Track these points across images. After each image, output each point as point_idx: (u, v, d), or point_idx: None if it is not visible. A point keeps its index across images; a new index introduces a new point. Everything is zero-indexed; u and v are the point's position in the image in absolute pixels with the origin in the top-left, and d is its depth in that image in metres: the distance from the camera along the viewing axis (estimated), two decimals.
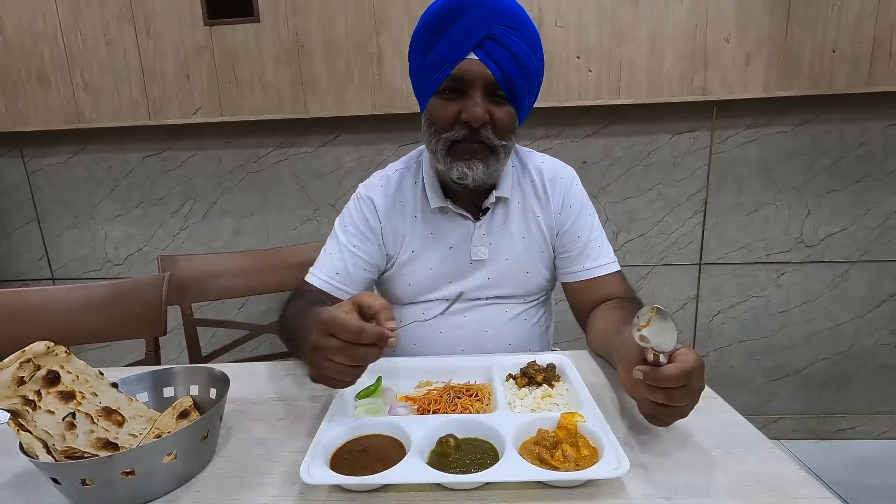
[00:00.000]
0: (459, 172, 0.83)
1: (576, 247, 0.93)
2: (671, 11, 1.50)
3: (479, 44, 0.77)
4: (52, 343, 0.60)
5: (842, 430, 1.80)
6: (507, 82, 0.79)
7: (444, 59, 0.79)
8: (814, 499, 0.50)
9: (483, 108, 0.79)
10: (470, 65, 0.78)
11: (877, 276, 1.69)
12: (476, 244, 0.92)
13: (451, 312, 0.93)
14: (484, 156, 0.82)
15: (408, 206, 0.94)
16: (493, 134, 0.81)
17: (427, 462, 0.54)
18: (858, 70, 1.49)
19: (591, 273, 0.92)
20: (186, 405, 0.65)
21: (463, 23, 0.77)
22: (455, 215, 0.92)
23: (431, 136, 0.84)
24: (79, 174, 1.78)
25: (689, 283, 1.74)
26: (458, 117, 0.80)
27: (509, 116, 0.82)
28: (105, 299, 1.13)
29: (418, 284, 0.95)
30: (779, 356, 1.77)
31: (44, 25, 1.62)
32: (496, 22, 0.77)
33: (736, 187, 1.66)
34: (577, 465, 0.53)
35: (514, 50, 0.78)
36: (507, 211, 0.93)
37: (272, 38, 1.59)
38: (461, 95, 0.80)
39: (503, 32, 0.77)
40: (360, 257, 0.93)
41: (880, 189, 1.63)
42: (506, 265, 0.93)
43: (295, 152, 1.72)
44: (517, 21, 0.79)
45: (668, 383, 0.54)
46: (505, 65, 0.78)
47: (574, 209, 0.94)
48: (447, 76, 0.79)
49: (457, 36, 0.78)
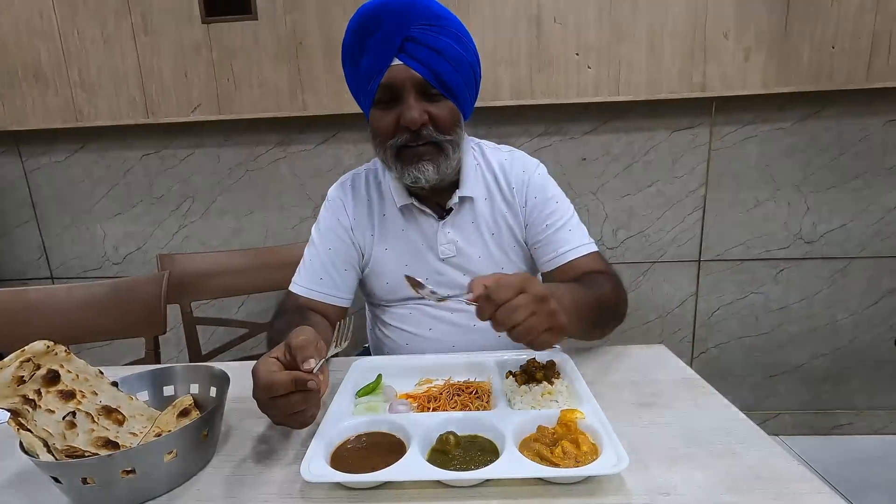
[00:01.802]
0: (412, 177, 0.84)
1: (545, 235, 0.93)
2: (670, 8, 1.49)
3: (399, 48, 0.78)
4: (51, 342, 0.60)
5: (840, 426, 1.81)
6: (437, 78, 0.80)
7: (372, 69, 0.80)
8: (812, 494, 0.50)
9: (418, 110, 0.80)
10: (396, 71, 0.79)
11: (875, 272, 1.69)
12: (441, 242, 0.93)
13: (441, 307, 0.94)
14: (432, 155, 0.83)
15: (375, 205, 0.96)
16: (436, 132, 0.82)
17: (427, 459, 0.55)
18: (858, 66, 1.49)
19: (564, 258, 0.92)
20: (187, 404, 0.65)
21: (380, 32, 0.78)
22: (420, 213, 0.93)
23: (378, 146, 0.86)
24: (77, 173, 1.77)
25: (688, 279, 1.74)
26: (398, 123, 0.81)
27: (449, 111, 0.83)
28: (104, 298, 1.12)
29: (394, 282, 0.95)
30: (777, 352, 1.78)
31: (41, 23, 1.61)
32: (411, 23, 0.78)
33: (735, 184, 1.66)
34: (577, 461, 0.53)
35: (437, 46, 0.79)
36: (474, 209, 0.94)
37: (270, 35, 1.58)
38: (397, 102, 0.81)
39: (421, 32, 0.78)
40: (339, 259, 0.94)
41: (879, 185, 1.63)
42: (479, 262, 0.94)
43: (294, 150, 1.71)
44: (433, 17, 0.80)
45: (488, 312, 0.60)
46: (431, 62, 0.79)
47: (539, 199, 0.94)
48: (378, 87, 0.80)
49: (377, 45, 0.79)
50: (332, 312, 0.94)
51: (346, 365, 0.79)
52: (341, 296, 0.94)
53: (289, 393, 0.56)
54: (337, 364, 0.85)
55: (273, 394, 0.56)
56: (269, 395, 0.56)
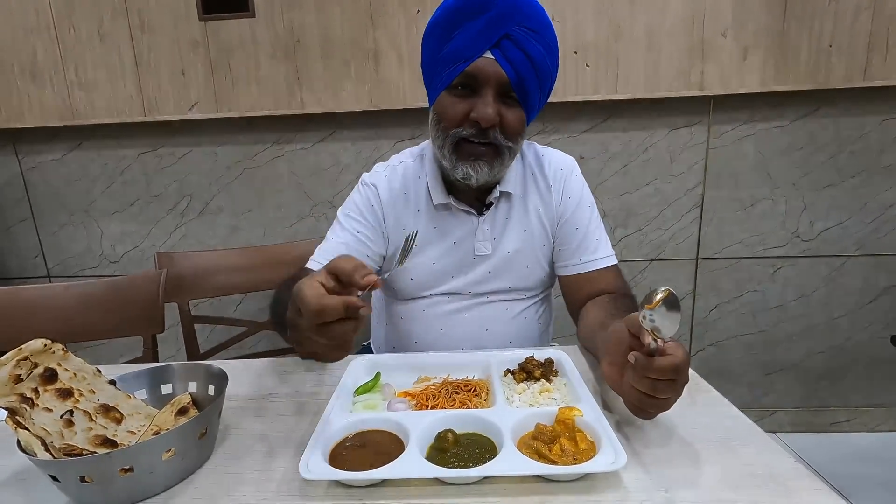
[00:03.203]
0: (464, 172, 0.82)
1: (574, 239, 0.93)
2: (668, 6, 1.49)
3: (496, 43, 0.75)
4: (49, 341, 0.60)
5: (837, 423, 1.82)
6: (520, 84, 0.78)
7: (459, 54, 0.77)
8: (809, 491, 0.50)
9: (494, 110, 0.77)
10: (485, 63, 0.76)
11: (872, 271, 1.69)
12: (480, 239, 0.92)
13: (458, 307, 0.93)
14: (490, 158, 0.81)
15: (411, 200, 0.93)
16: (501, 135, 0.80)
17: (426, 457, 0.55)
18: (855, 65, 1.50)
19: (588, 266, 0.92)
20: (185, 402, 0.65)
21: (482, 20, 0.75)
22: (458, 211, 0.91)
23: (439, 131, 0.83)
24: (74, 171, 1.76)
25: (686, 277, 1.75)
26: (468, 116, 0.79)
27: (519, 119, 0.81)
28: (102, 296, 1.12)
29: (420, 279, 0.94)
30: (775, 350, 1.78)
31: (37, 20, 1.60)
32: (516, 22, 0.75)
33: (733, 182, 1.66)
34: (575, 458, 0.53)
35: (531, 52, 0.77)
36: (510, 205, 0.93)
37: (268, 33, 1.58)
38: (472, 93, 0.79)
39: (522, 33, 0.76)
40: (364, 243, 0.91)
41: (876, 183, 1.63)
42: (506, 258, 0.93)
43: (291, 148, 1.71)
44: (537, 22, 0.77)
45: (657, 374, 0.54)
46: (520, 66, 0.76)
47: (573, 200, 0.93)
48: (460, 73, 0.77)
49: (474, 33, 0.76)
50: None
51: (344, 363, 0.79)
52: None
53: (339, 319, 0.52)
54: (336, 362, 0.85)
55: (323, 319, 0.52)
56: (319, 320, 0.52)
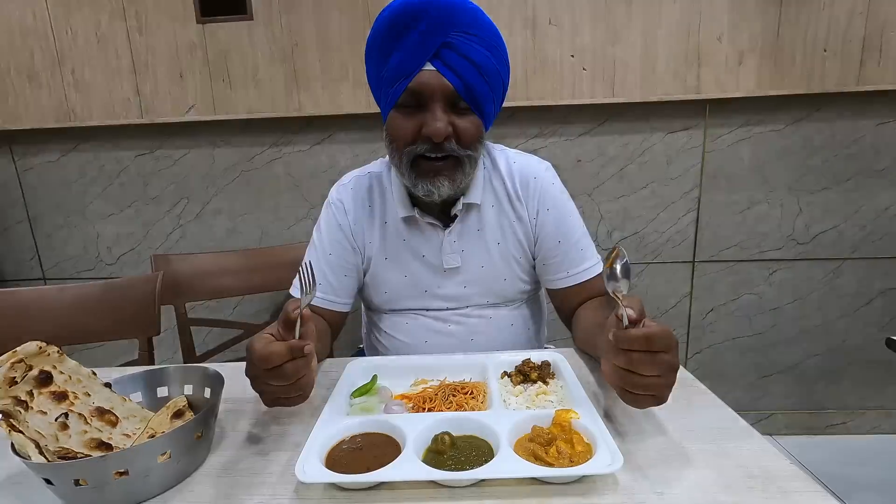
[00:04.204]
0: (425, 190, 0.80)
1: (557, 252, 0.89)
2: (664, 11, 1.50)
3: (435, 53, 0.72)
4: (44, 343, 0.60)
5: (833, 426, 1.82)
6: (468, 91, 0.74)
7: (400, 71, 0.74)
8: (805, 493, 0.50)
9: (444, 122, 0.74)
10: (427, 77, 0.73)
11: (867, 273, 1.70)
12: (447, 252, 0.89)
13: (440, 319, 0.92)
14: (450, 171, 0.79)
15: (377, 212, 0.91)
16: (458, 146, 0.77)
17: (422, 459, 0.55)
18: (849, 69, 1.51)
19: (575, 279, 0.89)
20: (181, 405, 0.65)
21: (414, 34, 0.72)
22: (424, 224, 0.89)
23: (394, 150, 0.80)
24: (70, 173, 1.76)
25: (682, 280, 1.75)
26: (420, 132, 0.76)
27: (474, 126, 0.78)
28: (98, 299, 1.12)
29: (393, 292, 0.93)
30: (771, 353, 1.79)
31: (34, 22, 1.60)
32: (452, 28, 0.72)
33: (729, 185, 1.67)
34: (572, 461, 0.53)
35: (474, 57, 0.73)
36: (480, 216, 0.90)
37: (265, 35, 1.58)
38: (421, 109, 0.75)
39: (461, 39, 0.72)
40: (339, 264, 0.91)
41: (871, 187, 1.64)
42: (481, 272, 0.90)
43: (289, 151, 1.71)
44: (476, 27, 0.74)
45: (628, 345, 0.53)
46: (465, 74, 0.73)
47: (551, 213, 0.90)
48: (404, 90, 0.74)
49: (410, 48, 0.73)
50: (332, 317, 0.92)
51: (340, 365, 0.79)
52: (340, 301, 0.92)
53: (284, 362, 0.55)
54: (332, 364, 0.85)
55: (269, 364, 0.55)
56: (266, 366, 0.55)
